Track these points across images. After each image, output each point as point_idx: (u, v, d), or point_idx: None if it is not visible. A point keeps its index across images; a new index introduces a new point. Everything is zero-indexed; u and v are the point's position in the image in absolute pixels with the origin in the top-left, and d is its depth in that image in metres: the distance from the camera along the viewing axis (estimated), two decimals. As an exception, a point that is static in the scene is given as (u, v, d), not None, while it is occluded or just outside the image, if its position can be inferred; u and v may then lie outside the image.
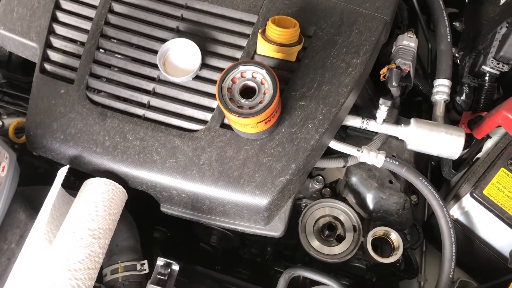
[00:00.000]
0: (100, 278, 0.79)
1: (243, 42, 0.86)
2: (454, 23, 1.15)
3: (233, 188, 0.79)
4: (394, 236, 0.94)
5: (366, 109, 0.99)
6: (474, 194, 0.86)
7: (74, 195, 0.80)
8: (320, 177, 1.05)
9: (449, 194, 0.98)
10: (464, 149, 1.00)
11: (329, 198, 1.02)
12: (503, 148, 0.91)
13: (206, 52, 0.85)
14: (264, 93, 0.72)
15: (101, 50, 0.87)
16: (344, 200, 1.01)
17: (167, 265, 0.75)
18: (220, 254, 1.22)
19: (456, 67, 1.16)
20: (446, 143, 0.88)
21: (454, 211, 0.93)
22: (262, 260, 1.25)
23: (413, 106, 1.18)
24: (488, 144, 0.97)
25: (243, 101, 0.71)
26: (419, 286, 1.05)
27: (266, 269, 1.27)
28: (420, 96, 1.16)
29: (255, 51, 0.84)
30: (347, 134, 1.00)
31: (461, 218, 0.93)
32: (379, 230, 0.94)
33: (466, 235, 0.94)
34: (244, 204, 0.79)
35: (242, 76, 0.72)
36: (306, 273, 0.83)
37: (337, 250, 0.97)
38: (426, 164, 1.13)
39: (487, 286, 0.98)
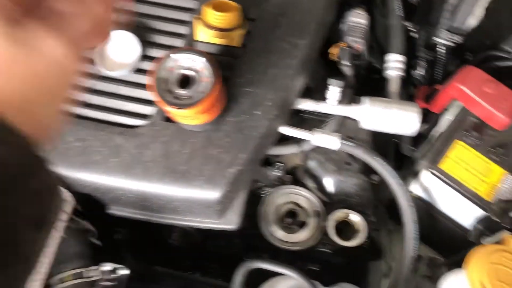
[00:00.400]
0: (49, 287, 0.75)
1: (184, 29, 0.82)
2: (408, -4, 1.12)
3: (181, 184, 0.75)
4: (356, 219, 0.92)
5: (319, 91, 0.96)
6: (432, 170, 0.85)
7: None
8: (280, 164, 1.02)
9: (409, 171, 0.97)
10: (422, 124, 0.98)
11: (289, 185, 0.99)
12: (459, 120, 0.89)
13: (145, 43, 0.81)
14: (204, 82, 0.68)
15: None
16: (304, 185, 0.99)
17: (113, 271, 0.72)
18: (186, 250, 1.19)
19: (412, 41, 1.14)
20: (401, 120, 0.86)
21: (415, 188, 0.92)
22: (230, 252, 1.22)
23: (372, 84, 1.16)
24: (445, 117, 0.96)
25: (181, 91, 0.67)
26: (388, 266, 1.03)
27: (235, 261, 1.25)
28: (378, 74, 1.13)
29: (195, 39, 0.80)
30: (302, 118, 0.97)
31: (422, 195, 0.92)
32: (340, 214, 0.92)
33: (428, 211, 0.93)
34: (194, 200, 0.76)
35: (178, 65, 0.68)
36: (263, 265, 0.80)
37: (300, 237, 0.94)
38: (388, 142, 1.11)
39: (454, 261, 0.97)
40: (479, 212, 0.83)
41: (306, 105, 0.88)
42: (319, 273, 1.12)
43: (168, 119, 0.78)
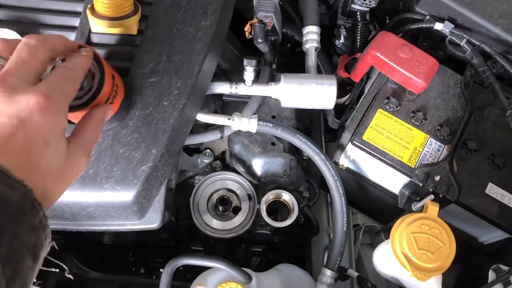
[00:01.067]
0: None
1: (75, 21, 0.75)
2: (320, -38, 1.09)
3: (90, 189, 0.70)
4: (287, 197, 0.91)
5: (237, 73, 0.92)
6: (354, 141, 0.83)
7: None
8: (208, 150, 0.99)
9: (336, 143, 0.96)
10: (345, 94, 0.97)
11: (220, 171, 0.97)
12: (378, 88, 0.88)
13: (35, 40, 0.74)
14: (93, 79, 0.62)
15: None
16: (234, 170, 0.96)
17: None
18: (124, 249, 1.15)
19: (332, 10, 1.12)
20: (318, 94, 0.84)
21: (343, 160, 0.91)
22: (176, 243, 1.19)
23: (296, 58, 1.13)
24: (368, 85, 0.94)
25: (69, 92, 0.62)
26: (329, 238, 1.03)
27: (183, 251, 1.22)
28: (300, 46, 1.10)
29: (90, 30, 0.74)
30: (224, 102, 0.94)
31: (350, 166, 0.91)
32: (270, 195, 0.91)
33: (358, 182, 0.92)
34: (108, 203, 0.72)
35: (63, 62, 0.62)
36: (190, 260, 0.77)
37: (235, 222, 0.93)
38: (319, 116, 1.09)
39: (389, 227, 0.97)
40: (404, 179, 0.83)
41: (223, 88, 0.85)
42: (264, 253, 1.11)
43: (70, 121, 0.72)
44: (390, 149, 0.83)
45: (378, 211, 1.00)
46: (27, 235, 0.42)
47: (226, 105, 0.93)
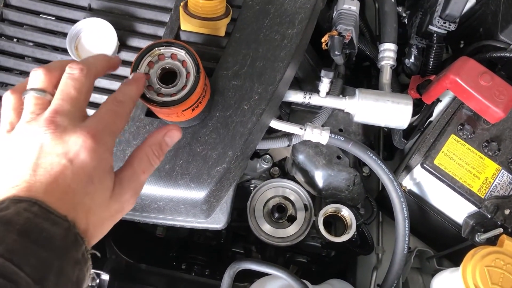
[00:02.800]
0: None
1: (165, 17, 0.76)
2: (399, -20, 1.08)
3: (165, 183, 0.71)
4: (346, 213, 0.90)
5: (309, 82, 0.92)
6: (424, 165, 0.82)
7: None
8: (268, 156, 0.99)
9: (401, 164, 0.94)
10: (414, 115, 0.96)
11: (278, 178, 0.96)
12: (452, 113, 0.86)
13: (124, 32, 0.76)
14: (187, 77, 0.63)
15: (2, 37, 0.76)
16: (293, 178, 0.96)
17: (96, 276, 0.68)
18: (173, 242, 1.16)
19: (404, 28, 1.11)
20: (393, 113, 0.83)
21: (407, 182, 0.89)
22: (218, 243, 1.20)
23: (362, 72, 1.12)
24: (439, 108, 0.93)
25: (163, 88, 0.63)
26: (377, 258, 1.02)
27: (223, 252, 1.23)
28: (369, 61, 1.10)
29: (179, 27, 0.75)
30: (291, 110, 0.94)
31: (414, 189, 0.90)
32: (329, 208, 0.90)
33: (420, 205, 0.91)
34: (180, 199, 0.72)
35: (160, 59, 0.64)
36: (252, 265, 0.77)
37: (289, 231, 0.92)
38: (378, 133, 1.08)
39: (443, 254, 0.96)
40: (471, 208, 0.81)
41: (296, 97, 0.85)
42: (307, 264, 1.10)
43: (150, 114, 0.74)
44: (460, 176, 0.81)
45: (434, 237, 0.98)
46: (71, 270, 0.43)
47: (293, 113, 0.93)
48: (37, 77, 0.51)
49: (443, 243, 0.93)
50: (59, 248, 0.42)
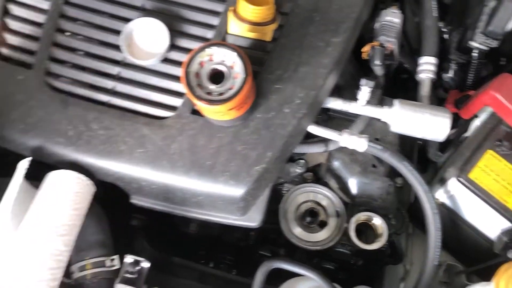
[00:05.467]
0: (68, 275, 0.75)
1: (214, 20, 0.80)
2: (441, -5, 1.09)
3: (206, 179, 0.74)
4: (378, 222, 0.91)
5: (348, 90, 0.94)
6: (460, 178, 0.83)
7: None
8: (302, 161, 1.00)
9: (435, 177, 0.95)
10: (450, 129, 0.96)
11: (311, 183, 0.98)
12: (490, 128, 0.86)
13: (174, 32, 0.79)
14: (235, 78, 0.66)
15: (61, 32, 0.81)
16: (326, 184, 0.97)
17: (136, 263, 0.71)
18: (202, 240, 1.19)
19: (444, 42, 1.11)
20: (431, 125, 0.84)
21: (440, 195, 0.90)
22: (246, 245, 1.22)
23: (399, 84, 1.13)
24: (476, 124, 0.93)
25: (212, 87, 0.66)
26: (405, 270, 1.02)
27: (250, 253, 1.24)
28: (406, 73, 1.11)
29: (227, 30, 0.78)
30: (329, 117, 0.96)
31: (447, 202, 0.90)
32: (362, 216, 0.91)
33: (452, 219, 0.91)
34: (218, 195, 0.75)
35: (210, 60, 0.67)
36: (285, 265, 0.79)
37: (320, 236, 0.93)
38: (413, 144, 1.09)
39: (474, 270, 0.95)
40: (506, 224, 0.81)
41: (335, 104, 0.87)
42: (334, 272, 1.11)
43: (196, 112, 0.77)
44: (496, 192, 0.81)
45: (464, 251, 0.98)
46: None
47: (331, 120, 0.95)
48: None
49: (474, 258, 0.93)
50: None
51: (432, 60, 0.92)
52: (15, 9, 0.82)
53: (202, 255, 1.23)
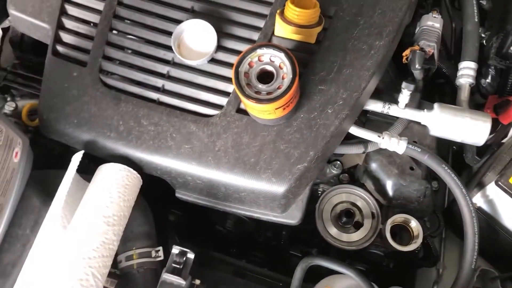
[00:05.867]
0: (115, 264, 0.78)
1: (260, 23, 0.82)
2: (481, 1, 1.09)
3: (249, 175, 0.77)
4: (414, 224, 0.92)
5: (387, 93, 0.95)
6: (499, 183, 0.83)
7: (90, 180, 0.79)
8: (338, 162, 1.02)
9: (472, 181, 0.95)
10: (489, 134, 0.96)
11: (347, 184, 0.99)
12: (531, 134, 0.87)
13: (222, 34, 0.82)
14: (283, 78, 0.69)
15: (114, 31, 0.85)
16: (362, 186, 0.99)
17: (182, 254, 0.74)
18: (235, 238, 1.21)
19: (482, 48, 1.11)
20: (471, 129, 0.85)
21: (478, 199, 0.90)
22: (277, 244, 1.24)
23: (436, 88, 1.14)
24: (515, 129, 0.93)
25: (260, 86, 0.69)
26: (438, 274, 1.03)
27: (281, 253, 1.26)
28: (443, 78, 1.11)
29: (273, 33, 0.81)
30: (367, 119, 0.97)
31: (485, 207, 0.90)
32: (398, 218, 0.92)
33: (489, 223, 0.91)
34: (261, 192, 0.77)
35: (259, 60, 0.69)
36: (324, 262, 0.81)
37: (355, 237, 0.95)
38: (448, 149, 1.09)
39: (509, 276, 0.95)
40: (545, 230, 0.81)
41: (376, 106, 0.88)
42: (366, 273, 1.12)
43: (241, 111, 0.79)
44: (536, 197, 0.81)
45: (500, 257, 0.98)
46: None
47: (369, 122, 0.96)
48: None
49: (509, 264, 0.93)
50: None
51: (472, 65, 0.93)
52: (71, 9, 0.86)
53: (234, 253, 1.26)
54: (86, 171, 0.91)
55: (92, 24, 0.86)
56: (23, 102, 0.98)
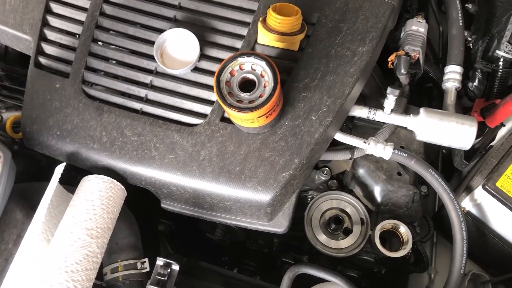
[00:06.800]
0: (100, 276, 0.77)
1: (243, 31, 0.82)
2: (466, 5, 1.09)
3: (234, 184, 0.76)
4: (403, 230, 0.91)
5: (373, 98, 0.95)
6: (486, 187, 0.83)
7: (74, 191, 0.78)
8: (327, 168, 1.02)
9: (461, 185, 0.95)
10: (476, 138, 0.96)
11: (335, 190, 0.99)
12: (518, 137, 0.86)
13: (205, 42, 0.82)
14: (265, 86, 0.68)
15: (96, 42, 0.84)
16: (351, 192, 0.98)
17: (167, 265, 0.73)
18: (226, 246, 1.20)
19: (468, 52, 1.11)
20: (457, 133, 0.84)
21: (466, 203, 0.90)
22: (269, 251, 1.23)
23: (423, 92, 1.14)
24: (502, 132, 0.93)
25: (242, 95, 0.68)
26: (430, 279, 1.02)
27: (273, 260, 1.25)
28: (431, 82, 1.11)
29: (256, 41, 0.81)
30: (354, 125, 0.97)
31: (473, 211, 0.90)
32: (387, 224, 0.91)
33: (478, 227, 0.91)
34: (246, 201, 0.77)
35: (241, 69, 0.69)
36: (311, 270, 0.80)
37: (344, 243, 0.94)
38: (437, 153, 1.09)
39: (500, 279, 0.94)
40: (534, 233, 0.81)
41: (361, 112, 0.88)
42: (357, 280, 1.11)
43: (225, 119, 0.79)
44: (524, 200, 0.81)
45: (490, 261, 0.97)
46: None
47: (356, 128, 0.96)
48: None
49: (500, 267, 0.92)
50: None
51: (458, 69, 0.92)
52: (53, 21, 0.86)
53: (226, 261, 1.25)
54: (73, 183, 0.90)
55: (74, 36, 0.85)
56: (7, 114, 0.97)
